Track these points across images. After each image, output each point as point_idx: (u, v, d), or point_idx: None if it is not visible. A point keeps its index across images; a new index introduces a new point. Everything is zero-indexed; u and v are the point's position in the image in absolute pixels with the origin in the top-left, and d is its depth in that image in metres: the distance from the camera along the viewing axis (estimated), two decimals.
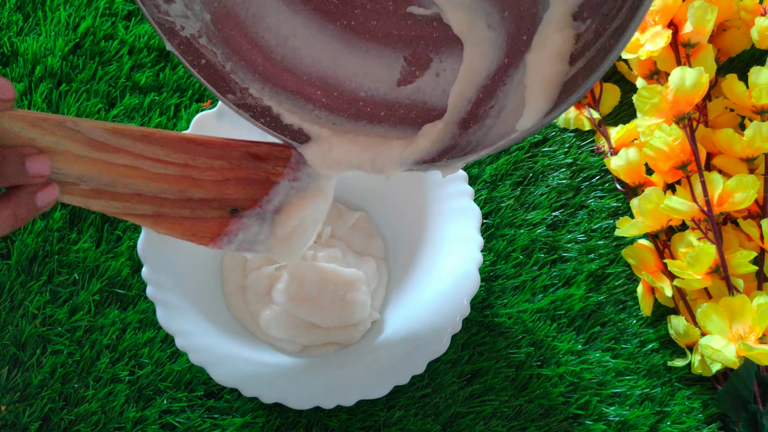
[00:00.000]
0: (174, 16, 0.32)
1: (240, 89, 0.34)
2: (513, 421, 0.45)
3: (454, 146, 0.33)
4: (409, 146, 0.34)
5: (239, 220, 0.36)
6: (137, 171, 0.32)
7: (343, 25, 0.35)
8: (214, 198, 0.34)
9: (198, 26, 0.32)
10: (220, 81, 0.33)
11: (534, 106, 0.29)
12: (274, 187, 0.36)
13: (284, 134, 0.35)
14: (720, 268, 0.44)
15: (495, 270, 0.48)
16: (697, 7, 0.46)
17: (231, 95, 0.33)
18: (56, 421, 0.42)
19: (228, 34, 0.33)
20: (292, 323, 0.42)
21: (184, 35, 0.32)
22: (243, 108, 0.34)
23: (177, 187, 0.33)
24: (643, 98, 0.46)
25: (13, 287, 0.44)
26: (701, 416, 0.46)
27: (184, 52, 0.32)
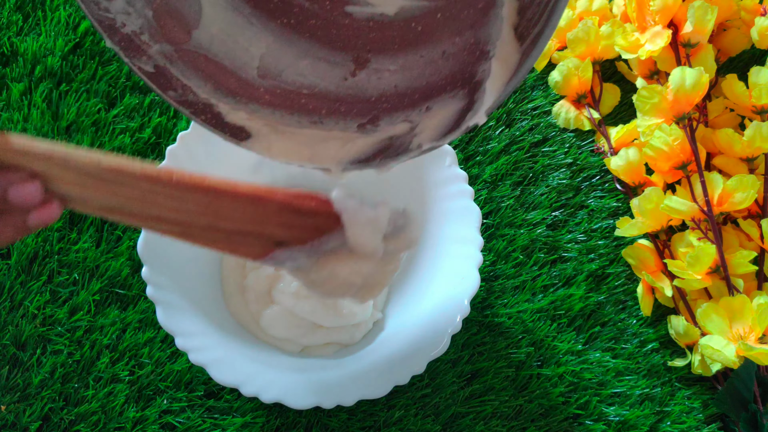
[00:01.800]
0: (114, 12, 0.31)
1: (181, 86, 0.33)
2: (513, 421, 0.45)
3: (389, 146, 0.33)
4: (346, 145, 0.34)
5: (285, 251, 0.32)
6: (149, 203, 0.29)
7: (283, 23, 0.35)
8: (251, 231, 0.31)
9: (140, 23, 0.32)
10: (161, 77, 0.33)
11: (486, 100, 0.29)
12: (329, 235, 0.32)
13: (224, 131, 0.34)
14: (720, 268, 0.44)
15: (495, 270, 0.48)
16: (697, 7, 0.46)
17: (172, 92, 0.33)
18: (56, 421, 0.42)
19: (170, 32, 0.33)
20: (293, 323, 0.42)
21: (125, 32, 0.32)
22: (184, 105, 0.33)
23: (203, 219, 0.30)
24: (643, 98, 0.46)
25: (13, 287, 0.44)
26: (701, 416, 0.46)
27: (125, 49, 0.32)
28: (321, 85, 0.36)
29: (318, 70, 0.36)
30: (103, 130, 0.48)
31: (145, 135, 0.48)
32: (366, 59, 0.35)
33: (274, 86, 0.35)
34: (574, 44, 0.50)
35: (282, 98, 0.36)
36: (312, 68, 0.36)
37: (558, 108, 0.51)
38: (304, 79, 0.36)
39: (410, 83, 0.35)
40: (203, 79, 0.34)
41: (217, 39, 0.34)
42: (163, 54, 0.33)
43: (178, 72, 0.33)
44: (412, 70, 0.35)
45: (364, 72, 0.35)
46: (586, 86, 0.51)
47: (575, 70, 0.50)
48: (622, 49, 0.48)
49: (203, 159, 0.43)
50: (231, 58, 0.35)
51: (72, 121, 0.48)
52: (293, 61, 0.35)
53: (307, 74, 0.36)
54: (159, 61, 0.33)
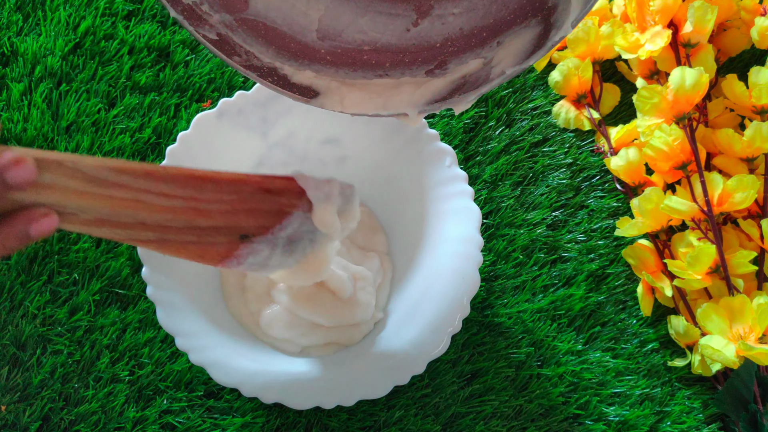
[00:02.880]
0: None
1: (245, 52, 0.34)
2: (513, 421, 0.45)
3: (464, 83, 0.33)
4: (419, 89, 0.34)
5: (249, 245, 0.35)
6: (140, 204, 0.31)
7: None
8: (222, 226, 0.34)
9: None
10: (225, 45, 0.33)
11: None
12: (288, 217, 0.35)
13: (293, 91, 0.34)
14: (720, 268, 0.44)
15: (495, 270, 0.48)
16: (697, 7, 0.46)
17: (237, 57, 0.34)
18: (56, 421, 0.42)
19: (229, 2, 0.34)
20: (293, 323, 0.42)
21: (187, 2, 0.32)
22: (250, 69, 0.34)
23: (183, 217, 0.32)
24: (643, 98, 0.46)
25: (13, 287, 0.44)
26: (701, 416, 0.46)
27: (188, 18, 0.32)
28: (383, 39, 0.35)
29: (379, 25, 0.35)
30: (103, 130, 0.48)
31: (145, 135, 0.48)
32: (428, 6, 0.35)
33: (334, 46, 0.35)
34: (574, 44, 0.50)
35: (344, 57, 0.36)
36: (372, 24, 0.35)
37: (558, 108, 0.51)
38: (364, 36, 0.36)
39: (476, 23, 0.34)
40: (265, 45, 0.35)
41: (274, 5, 0.35)
42: (223, 23, 0.33)
43: (240, 39, 0.34)
44: (477, 11, 0.34)
45: (427, 20, 0.35)
46: (586, 86, 0.51)
47: (575, 70, 0.50)
48: (622, 49, 0.48)
49: (203, 159, 0.43)
50: (289, 23, 0.35)
51: (72, 121, 0.48)
52: (353, 20, 0.35)
53: (367, 30, 0.35)
54: (221, 30, 0.33)
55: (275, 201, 0.34)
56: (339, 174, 0.47)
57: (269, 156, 0.45)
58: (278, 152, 0.45)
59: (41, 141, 0.47)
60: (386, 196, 0.46)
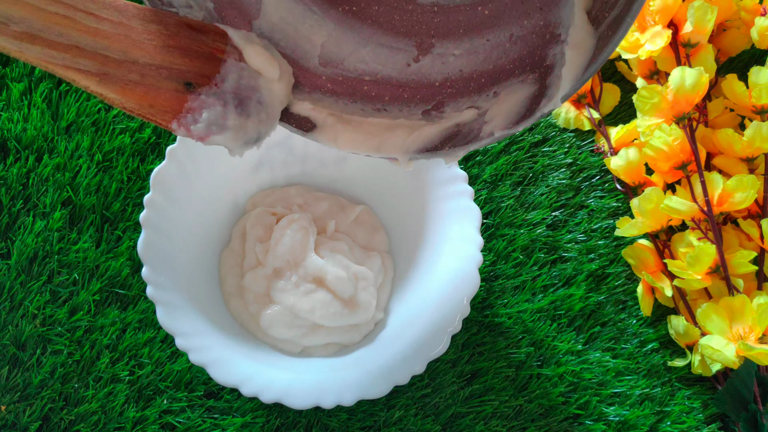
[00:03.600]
0: (177, 6, 0.32)
1: None
2: (513, 421, 0.45)
3: (457, 133, 0.33)
4: (413, 133, 0.34)
5: (198, 97, 0.34)
6: (70, 21, 0.30)
7: (345, 10, 0.35)
8: (161, 65, 0.33)
9: (202, 15, 0.33)
10: None
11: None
12: (224, 65, 0.34)
13: (290, 122, 0.35)
14: (720, 268, 0.44)
15: (495, 270, 0.48)
16: (697, 7, 0.46)
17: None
18: (56, 421, 0.42)
19: (231, 22, 0.34)
20: (293, 323, 0.42)
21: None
22: None
23: (117, 46, 0.32)
24: (643, 98, 0.46)
25: (13, 287, 0.44)
26: (701, 416, 0.46)
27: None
28: (383, 71, 0.36)
29: (380, 57, 0.36)
30: (103, 130, 0.48)
31: (145, 135, 0.48)
32: (430, 44, 0.35)
33: (335, 74, 0.35)
34: None
35: (344, 86, 0.36)
36: (374, 55, 0.35)
37: (558, 108, 0.51)
38: (366, 66, 0.36)
39: (476, 67, 0.34)
40: None
41: (278, 28, 0.35)
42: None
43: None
44: (477, 54, 0.34)
45: (428, 57, 0.35)
46: (586, 86, 0.51)
47: None
48: (622, 49, 0.48)
49: (203, 159, 0.43)
50: (292, 47, 0.35)
51: (72, 121, 0.48)
52: (355, 49, 0.35)
53: (369, 61, 0.36)
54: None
55: (203, 41, 0.34)
56: (339, 174, 0.47)
57: (269, 156, 0.45)
58: (278, 152, 0.45)
59: (41, 141, 0.47)
60: (386, 196, 0.46)
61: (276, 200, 0.45)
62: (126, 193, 0.47)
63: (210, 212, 0.44)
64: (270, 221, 0.44)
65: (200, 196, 0.43)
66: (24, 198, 0.46)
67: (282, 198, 0.45)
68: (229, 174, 0.45)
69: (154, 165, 0.47)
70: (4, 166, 0.46)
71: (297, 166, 0.46)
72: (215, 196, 0.44)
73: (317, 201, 0.46)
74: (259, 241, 0.44)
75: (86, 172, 0.47)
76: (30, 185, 0.46)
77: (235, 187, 0.45)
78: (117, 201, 0.46)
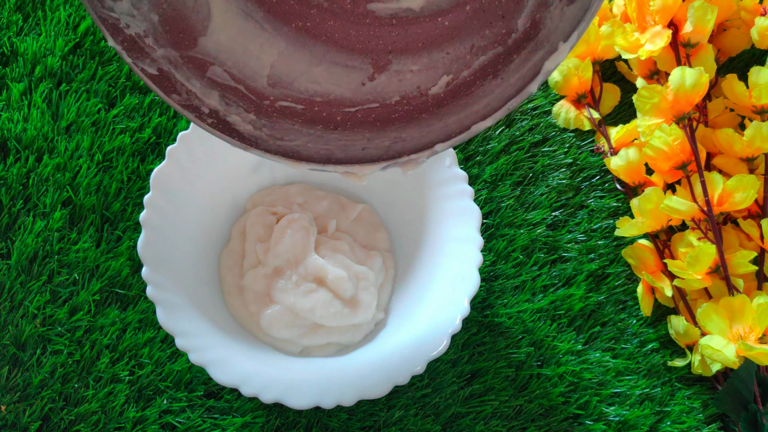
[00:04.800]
0: (119, 13, 0.30)
1: (186, 90, 0.32)
2: (513, 421, 0.45)
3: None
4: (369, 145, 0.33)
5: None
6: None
7: (298, 26, 0.34)
8: None
9: (144, 26, 0.31)
10: (165, 81, 0.32)
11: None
12: None
13: (232, 136, 0.33)
14: (720, 268, 0.44)
15: (495, 270, 0.48)
16: (697, 7, 0.46)
17: (176, 95, 0.32)
18: (56, 421, 0.42)
19: (176, 37, 0.32)
20: (294, 323, 0.42)
21: (129, 33, 0.31)
22: (188, 109, 0.32)
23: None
24: (643, 98, 0.46)
25: (13, 287, 0.44)
26: (701, 416, 0.46)
27: (128, 50, 0.31)
28: (336, 91, 0.34)
29: (334, 76, 0.34)
30: (103, 130, 0.48)
31: (145, 135, 0.48)
32: (386, 61, 0.34)
33: (285, 95, 0.34)
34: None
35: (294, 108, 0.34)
36: (327, 74, 0.34)
37: (558, 108, 0.51)
38: (318, 86, 0.34)
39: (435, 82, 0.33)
40: (209, 87, 0.33)
41: (225, 47, 0.33)
42: (167, 59, 0.32)
43: (183, 77, 0.32)
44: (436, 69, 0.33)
45: (384, 75, 0.34)
46: (586, 86, 0.51)
47: (575, 70, 0.50)
48: (622, 49, 0.48)
49: (203, 159, 0.43)
50: (240, 67, 0.33)
51: (72, 121, 0.48)
52: (307, 68, 0.34)
53: (321, 81, 0.34)
54: (163, 65, 0.32)
55: None
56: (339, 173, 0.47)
57: None
58: None
59: (41, 141, 0.47)
60: (387, 196, 0.46)
61: (276, 199, 0.45)
62: (126, 193, 0.47)
63: (210, 212, 0.44)
64: (270, 220, 0.44)
65: (200, 196, 0.43)
66: (24, 198, 0.46)
67: (282, 197, 0.45)
68: (229, 174, 0.45)
69: (154, 165, 0.47)
70: (4, 166, 0.46)
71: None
72: (215, 196, 0.44)
73: (318, 200, 0.46)
74: (260, 241, 0.44)
75: (86, 172, 0.47)
76: (30, 185, 0.46)
77: (235, 187, 0.45)
78: (117, 201, 0.46)
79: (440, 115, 0.32)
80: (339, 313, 0.42)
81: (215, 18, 0.33)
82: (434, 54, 0.33)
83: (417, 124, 0.33)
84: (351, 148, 0.33)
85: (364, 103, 0.34)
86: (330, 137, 0.33)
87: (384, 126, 0.33)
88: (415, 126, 0.33)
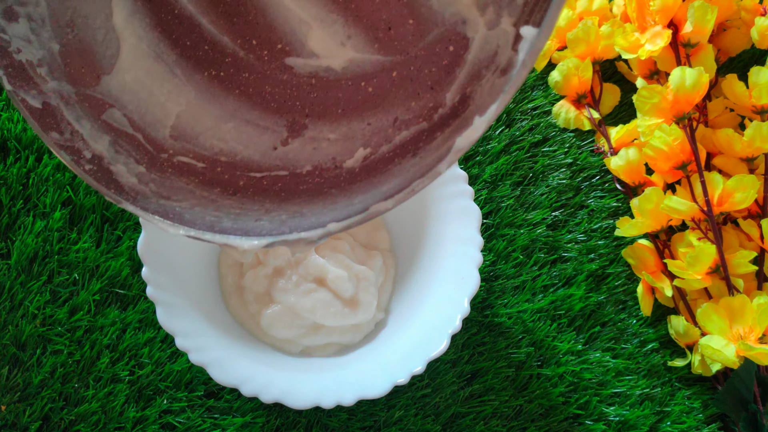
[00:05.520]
0: (12, 35, 0.27)
1: (71, 131, 0.28)
2: (513, 421, 0.45)
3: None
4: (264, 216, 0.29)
5: None
6: None
7: (211, 75, 0.31)
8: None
9: (40, 54, 0.28)
10: (48, 117, 0.28)
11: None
12: None
13: (109, 188, 0.28)
14: (720, 268, 0.44)
15: (495, 270, 0.48)
16: (697, 7, 0.46)
17: (56, 134, 0.28)
18: (56, 421, 0.42)
19: (76, 72, 0.29)
20: (294, 323, 0.42)
21: (18, 58, 0.27)
22: (66, 150, 0.28)
23: None
24: (643, 98, 0.46)
25: (13, 287, 0.45)
26: (701, 416, 0.46)
27: (10, 76, 0.27)
28: (245, 152, 0.30)
29: (243, 136, 0.31)
30: None
31: None
32: (302, 125, 0.31)
33: (186, 150, 0.30)
34: (574, 44, 0.50)
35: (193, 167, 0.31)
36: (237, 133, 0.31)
37: (558, 108, 0.51)
38: (225, 144, 0.30)
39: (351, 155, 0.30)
40: (101, 130, 0.29)
41: (130, 89, 0.30)
42: (59, 93, 0.28)
43: (72, 116, 0.28)
44: (354, 140, 0.30)
45: (298, 141, 0.30)
46: (586, 86, 0.51)
47: (575, 70, 0.50)
48: (622, 49, 0.48)
49: None
50: (141, 113, 0.30)
51: None
52: (215, 123, 0.31)
53: (229, 139, 0.31)
54: (51, 100, 0.28)
55: None
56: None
57: None
58: None
59: (41, 141, 0.47)
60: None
61: None
62: None
63: None
64: None
65: None
66: (24, 198, 0.46)
67: None
68: None
69: None
70: (4, 166, 0.46)
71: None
72: None
73: None
74: None
75: None
76: (30, 185, 0.46)
77: None
78: None
79: (350, 191, 0.29)
80: (339, 313, 0.42)
81: (123, 55, 0.30)
82: (354, 123, 0.30)
83: (323, 200, 0.29)
84: (243, 218, 0.29)
85: (273, 170, 0.30)
86: (224, 203, 0.30)
87: (288, 198, 0.30)
88: (320, 201, 0.29)
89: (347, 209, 0.27)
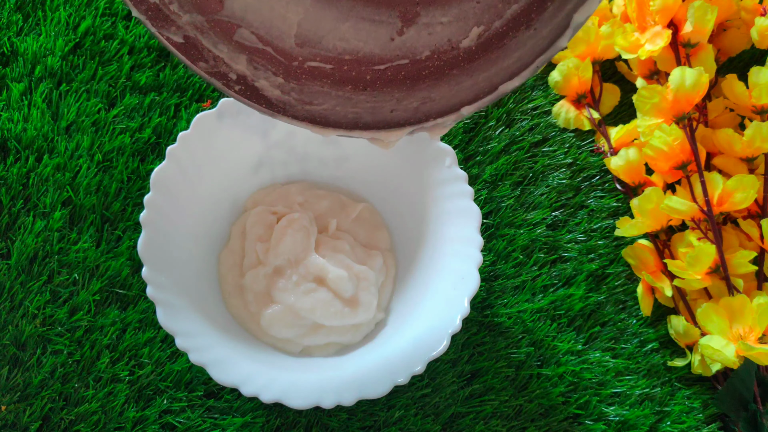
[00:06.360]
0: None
1: (213, 57, 0.32)
2: (513, 421, 0.45)
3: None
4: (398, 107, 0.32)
5: None
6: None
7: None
8: None
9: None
10: (191, 49, 0.31)
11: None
12: None
13: (260, 103, 0.32)
14: (720, 268, 0.44)
15: (495, 270, 0.48)
16: (697, 7, 0.46)
17: (203, 63, 0.32)
18: (56, 421, 0.42)
19: (201, 1, 0.32)
20: (294, 323, 0.42)
21: (153, 1, 0.30)
22: (215, 76, 0.32)
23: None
24: (643, 98, 0.46)
25: (13, 287, 0.44)
26: (701, 416, 0.46)
27: (152, 18, 0.30)
28: (365, 48, 0.33)
29: (361, 33, 0.33)
30: (103, 130, 0.48)
31: (145, 135, 0.48)
32: (415, 13, 0.32)
33: (313, 54, 0.33)
34: (574, 44, 0.50)
35: (323, 68, 0.33)
36: (354, 31, 0.33)
37: (558, 108, 0.51)
38: (346, 43, 0.33)
39: (466, 35, 0.32)
40: (237, 51, 0.32)
41: (252, 7, 0.32)
42: (193, 24, 0.31)
43: (209, 43, 0.32)
44: (467, 20, 0.32)
45: (413, 29, 0.33)
46: (586, 86, 0.51)
47: (575, 70, 0.50)
48: (622, 49, 0.48)
49: (203, 159, 0.43)
50: (267, 27, 0.33)
51: (72, 121, 0.48)
52: (334, 25, 0.33)
53: (349, 38, 0.33)
54: (189, 32, 0.31)
55: None
56: (340, 172, 0.47)
57: (269, 156, 0.45)
58: (278, 152, 0.45)
59: (41, 141, 0.47)
60: (387, 196, 0.46)
61: (276, 198, 0.45)
62: (126, 193, 0.47)
63: (210, 212, 0.44)
64: (270, 220, 0.44)
65: (200, 196, 0.43)
66: (24, 198, 0.46)
67: (282, 196, 0.45)
68: (229, 174, 0.45)
69: (154, 165, 0.47)
70: (4, 166, 0.46)
71: (297, 165, 0.46)
72: (215, 197, 0.44)
73: (318, 199, 0.46)
74: (260, 240, 0.44)
75: (86, 172, 0.47)
76: (30, 185, 0.46)
77: (235, 186, 0.45)
78: (117, 201, 0.46)
79: (471, 70, 0.31)
80: (339, 312, 0.42)
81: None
82: (464, 4, 0.32)
83: (447, 82, 0.32)
84: (379, 111, 0.32)
85: (394, 60, 0.33)
86: (359, 99, 0.33)
87: (414, 84, 0.32)
88: (445, 84, 0.32)
89: (474, 90, 0.30)
